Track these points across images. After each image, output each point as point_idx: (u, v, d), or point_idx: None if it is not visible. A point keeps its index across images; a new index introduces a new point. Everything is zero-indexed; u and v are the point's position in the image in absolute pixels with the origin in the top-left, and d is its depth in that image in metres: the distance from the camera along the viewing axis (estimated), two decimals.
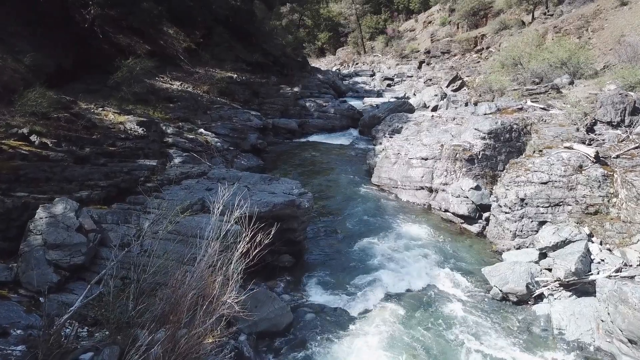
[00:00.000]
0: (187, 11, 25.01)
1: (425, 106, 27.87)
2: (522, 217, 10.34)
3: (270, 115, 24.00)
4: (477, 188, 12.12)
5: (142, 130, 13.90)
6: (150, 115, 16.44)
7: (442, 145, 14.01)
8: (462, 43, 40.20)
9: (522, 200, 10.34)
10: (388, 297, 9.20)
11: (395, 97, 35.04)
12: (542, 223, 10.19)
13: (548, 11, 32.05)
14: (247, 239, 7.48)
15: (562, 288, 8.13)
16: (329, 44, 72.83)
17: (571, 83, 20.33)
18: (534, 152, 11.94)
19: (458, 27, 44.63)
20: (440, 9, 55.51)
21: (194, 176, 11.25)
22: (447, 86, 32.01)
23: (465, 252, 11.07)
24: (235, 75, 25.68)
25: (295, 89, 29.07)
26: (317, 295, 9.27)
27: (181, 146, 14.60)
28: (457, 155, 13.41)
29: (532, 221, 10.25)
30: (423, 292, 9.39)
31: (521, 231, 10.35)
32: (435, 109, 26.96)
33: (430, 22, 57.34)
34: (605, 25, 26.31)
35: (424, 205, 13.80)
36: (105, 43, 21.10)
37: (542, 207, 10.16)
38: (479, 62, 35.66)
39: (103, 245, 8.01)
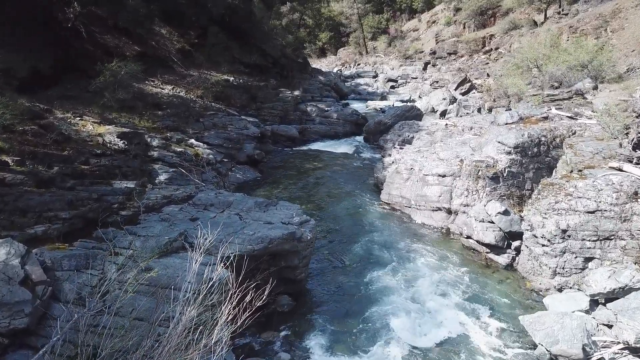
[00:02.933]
0: (181, 10, 23.39)
1: (433, 111, 26.30)
2: (564, 252, 8.74)
3: (269, 121, 22.41)
4: (506, 213, 10.51)
5: (123, 143, 12.32)
6: (135, 124, 14.86)
7: (461, 161, 12.41)
8: (470, 44, 38.57)
9: (564, 231, 8.73)
10: (407, 356, 7.58)
11: (400, 100, 33.53)
12: (588, 259, 8.59)
13: (562, 10, 30.40)
14: (238, 289, 5.96)
15: (628, 353, 6.53)
16: (330, 44, 71.21)
17: (595, 88, 18.71)
18: (571, 171, 10.33)
19: (464, 27, 42.99)
20: (444, 8, 53.87)
21: (177, 201, 9.66)
22: (456, 89, 30.41)
23: (495, 290, 9.46)
24: (232, 78, 24.09)
25: (296, 93, 27.47)
26: (322, 354, 7.64)
27: (167, 161, 13.01)
28: (480, 173, 11.80)
29: (576, 257, 8.65)
30: (449, 348, 7.77)
31: (563, 268, 8.75)
32: (444, 113, 25.40)
33: (434, 22, 55.72)
34: (625, 25, 24.68)
35: (442, 228, 12.20)
36: (90, 44, 19.51)
37: (589, 240, 8.55)
38: (487, 63, 34.02)
39: (55, 300, 6.41)
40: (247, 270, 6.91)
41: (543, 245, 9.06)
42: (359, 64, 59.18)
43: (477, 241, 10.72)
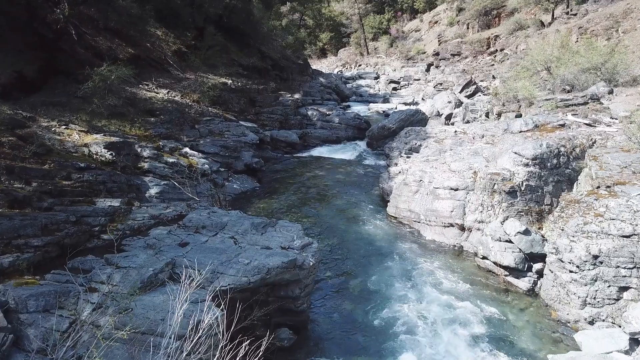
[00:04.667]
0: (176, 10, 22.48)
1: (438, 114, 25.38)
2: (596, 280, 7.85)
3: (268, 127, 21.52)
4: (526, 232, 9.62)
5: (111, 154, 11.43)
6: (125, 132, 13.97)
7: (475, 173, 11.52)
8: (474, 44, 37.67)
9: (596, 257, 7.84)
10: None
11: (403, 103, 32.67)
12: (624, 289, 7.70)
13: (571, 10, 29.49)
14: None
15: None
16: (331, 45, 70.37)
17: (610, 92, 17.84)
18: (598, 187, 9.44)
19: (468, 28, 42.10)
20: (447, 9, 53.04)
21: (166, 221, 8.77)
22: (461, 91, 29.58)
23: (517, 319, 8.58)
24: (230, 81, 23.17)
25: (296, 96, 26.59)
26: None
27: (159, 173, 12.13)
28: (495, 186, 10.92)
29: (609, 286, 7.76)
30: None
31: (594, 298, 7.86)
32: (449, 117, 24.52)
33: (436, 22, 54.88)
34: (638, 26, 23.82)
35: (454, 246, 11.32)
36: (81, 46, 18.60)
37: (625, 268, 7.66)
38: (493, 65, 33.16)
39: (17, 349, 5.52)
40: (242, 305, 6.05)
41: (571, 272, 8.16)
42: (359, 65, 58.33)
43: (495, 263, 9.82)
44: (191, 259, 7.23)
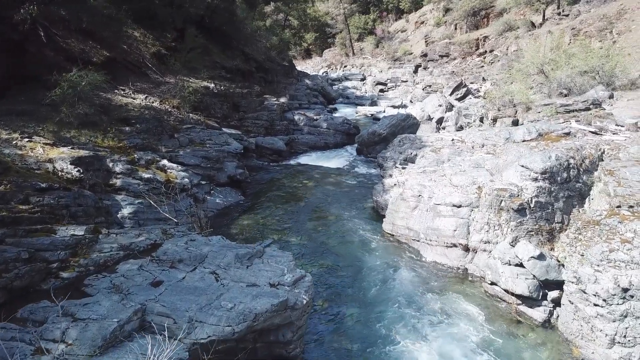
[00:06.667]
0: (155, 10, 21.25)
1: (429, 118, 24.52)
2: (626, 316, 6.98)
3: (253, 133, 20.46)
4: (541, 257, 8.71)
5: (78, 171, 10.28)
6: (97, 144, 12.79)
7: (479, 188, 10.61)
8: (462, 45, 36.96)
9: (626, 290, 6.97)
10: None
11: (392, 106, 31.86)
12: None
13: (562, 11, 28.87)
14: None
15: None
16: (315, 45, 69.38)
17: (611, 97, 17.12)
18: (619, 206, 8.60)
19: (456, 28, 41.41)
20: (433, 9, 52.39)
21: (138, 253, 7.67)
22: (451, 94, 28.81)
23: (534, 356, 7.67)
24: (212, 85, 22.04)
25: (282, 100, 25.51)
26: None
27: (133, 190, 11.00)
28: (502, 203, 10.00)
29: None
30: None
31: (624, 337, 6.98)
32: (440, 121, 23.69)
33: (422, 23, 54.20)
34: (632, 27, 23.23)
35: (458, 269, 10.38)
36: (51, 49, 17.31)
37: None
38: (482, 66, 32.47)
39: None
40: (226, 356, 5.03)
41: (596, 305, 7.28)
42: (345, 66, 57.39)
43: (506, 290, 8.91)
44: (165, 303, 6.18)
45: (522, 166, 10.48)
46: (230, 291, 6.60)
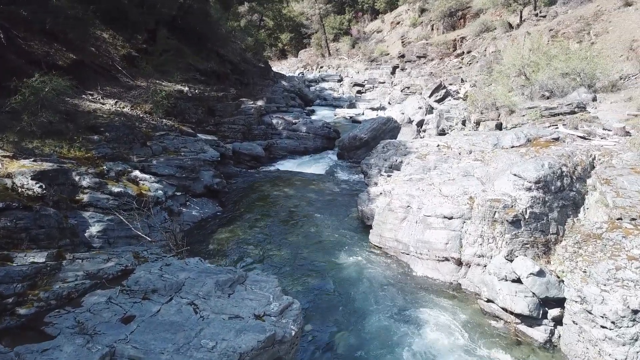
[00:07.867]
0: (124, 11, 20.25)
1: (410, 121, 24.14)
2: (637, 339, 6.55)
3: (230, 138, 19.71)
4: (540, 274, 8.26)
5: (40, 187, 9.39)
6: (62, 154, 11.88)
7: (471, 198, 10.13)
8: (440, 47, 36.81)
9: (636, 312, 6.55)
10: None
11: (370, 108, 31.43)
12: None
13: (540, 12, 28.87)
14: None
15: None
16: (291, 46, 68.74)
17: (594, 99, 16.97)
18: (620, 219, 8.21)
19: (433, 29, 41.28)
20: (408, 9, 52.26)
21: (106, 282, 6.89)
22: (430, 96, 28.55)
23: None
24: (186, 89, 21.15)
25: (259, 103, 24.76)
26: None
27: (102, 206, 10.16)
28: (496, 215, 9.55)
29: None
30: None
31: None
32: (421, 124, 23.32)
33: (398, 23, 54.06)
34: (609, 29, 23.27)
35: (451, 284, 9.88)
36: (12, 52, 16.22)
37: None
38: (461, 67, 32.32)
39: None
40: None
41: (604, 327, 6.84)
42: (321, 67, 56.86)
43: (504, 309, 8.44)
44: (137, 344, 5.46)
45: (515, 175, 10.05)
46: (211, 325, 5.91)
